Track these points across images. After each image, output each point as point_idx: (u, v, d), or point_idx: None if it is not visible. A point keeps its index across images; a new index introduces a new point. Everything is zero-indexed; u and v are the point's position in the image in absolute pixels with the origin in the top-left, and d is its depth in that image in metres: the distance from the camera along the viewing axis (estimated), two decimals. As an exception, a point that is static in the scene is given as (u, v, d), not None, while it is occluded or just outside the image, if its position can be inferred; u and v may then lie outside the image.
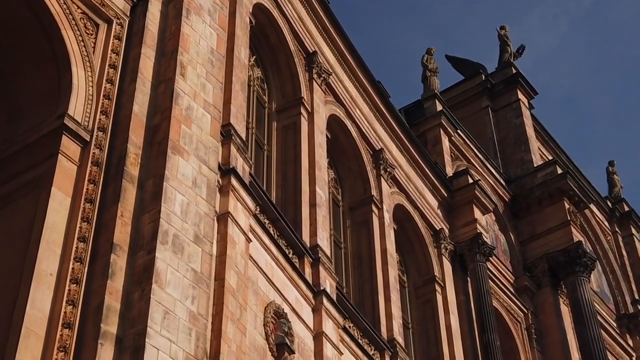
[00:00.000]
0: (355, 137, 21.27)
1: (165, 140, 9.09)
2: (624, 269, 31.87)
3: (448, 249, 23.23)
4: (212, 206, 9.49)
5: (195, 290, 8.77)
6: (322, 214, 17.99)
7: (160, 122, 9.34)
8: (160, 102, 9.43)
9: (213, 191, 9.49)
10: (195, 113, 9.65)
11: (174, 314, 8.37)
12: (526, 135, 29.35)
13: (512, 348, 24.57)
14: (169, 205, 8.82)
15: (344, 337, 17.01)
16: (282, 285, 15.65)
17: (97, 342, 7.85)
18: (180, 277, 8.61)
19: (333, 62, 21.12)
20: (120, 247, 8.52)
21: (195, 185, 9.22)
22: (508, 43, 31.80)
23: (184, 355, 8.26)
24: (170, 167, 9.01)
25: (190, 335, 8.47)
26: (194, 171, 9.27)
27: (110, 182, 8.89)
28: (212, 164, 9.53)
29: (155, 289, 8.24)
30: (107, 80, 9.40)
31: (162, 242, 8.56)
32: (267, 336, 14.57)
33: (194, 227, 9.03)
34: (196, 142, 9.45)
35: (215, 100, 10.00)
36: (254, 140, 18.33)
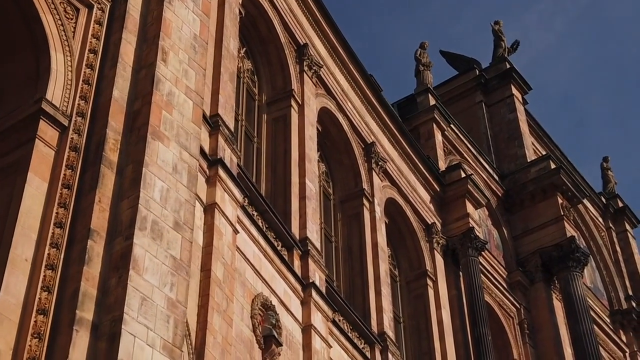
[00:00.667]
0: (346, 130, 21.15)
1: (145, 125, 8.97)
2: (617, 265, 31.80)
3: (440, 243, 23.13)
4: (193, 193, 9.36)
5: (175, 277, 8.64)
6: (312, 206, 17.87)
7: (140, 108, 9.22)
8: (141, 87, 9.31)
9: (194, 178, 9.37)
10: (177, 99, 9.52)
11: (152, 300, 8.25)
12: (520, 131, 29.23)
13: (505, 343, 24.47)
14: (148, 191, 8.70)
15: (333, 331, 16.90)
16: (270, 277, 15.53)
17: (72, 328, 7.73)
18: (158, 263, 8.49)
19: (324, 55, 20.99)
20: (97, 233, 8.39)
21: (176, 171, 9.10)
22: (502, 38, 31.68)
23: (162, 342, 8.13)
24: (150, 153, 8.88)
25: (168, 323, 8.34)
26: (175, 157, 9.15)
27: (88, 168, 8.77)
28: (193, 150, 9.41)
29: (132, 276, 8.12)
30: (87, 65, 9.28)
31: (141, 229, 8.44)
32: (254, 328, 14.47)
33: (173, 213, 8.90)
34: (177, 128, 9.32)
35: (197, 87, 9.88)
36: (244, 132, 18.21)
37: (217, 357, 12.88)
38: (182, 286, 8.64)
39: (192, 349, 12.57)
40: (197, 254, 13.51)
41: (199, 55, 10.22)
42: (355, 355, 17.40)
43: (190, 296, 13.09)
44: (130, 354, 7.77)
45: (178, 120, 9.39)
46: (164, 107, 9.29)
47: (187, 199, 9.12)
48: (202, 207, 14.02)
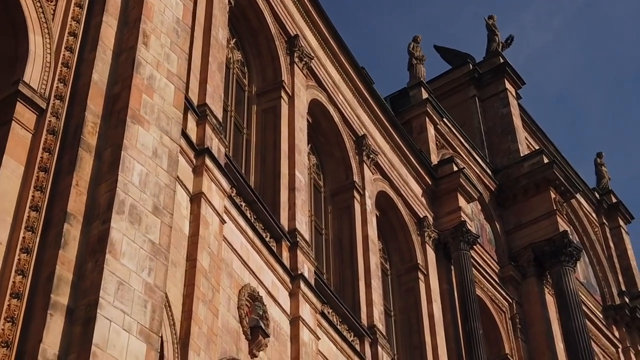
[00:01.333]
0: (337, 122, 21.03)
1: (125, 109, 8.84)
2: (610, 261, 31.75)
3: (432, 237, 23.02)
4: (174, 177, 9.23)
5: (153, 262, 8.51)
6: (302, 198, 17.75)
7: (120, 91, 9.09)
8: (122, 71, 9.19)
9: (175, 162, 9.24)
10: (158, 83, 9.39)
11: (129, 285, 8.12)
12: (513, 125, 29.15)
13: (496, 338, 24.39)
14: (127, 174, 8.57)
15: (322, 322, 16.78)
16: (258, 268, 15.41)
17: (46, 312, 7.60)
18: (136, 248, 8.36)
19: (315, 47, 20.86)
20: (74, 217, 8.26)
21: (156, 155, 8.96)
22: (496, 33, 31.58)
23: (138, 327, 8.01)
24: (129, 137, 8.76)
25: (145, 308, 8.21)
26: (155, 141, 9.02)
27: (66, 151, 8.64)
28: (174, 134, 9.28)
29: (109, 260, 7.99)
30: (66, 48, 9.14)
31: (118, 212, 8.31)
32: (241, 319, 14.35)
33: (153, 198, 8.77)
34: (158, 112, 9.19)
35: (179, 71, 9.75)
36: (233, 123, 18.08)
37: (203, 347, 12.77)
38: (161, 271, 8.52)
39: (177, 338, 12.45)
40: (183, 243, 13.40)
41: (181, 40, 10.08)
42: (344, 348, 17.29)
43: (175, 286, 13.04)
44: (106, 339, 7.64)
45: (159, 104, 9.26)
46: (145, 90, 9.16)
47: (167, 183, 8.98)
48: (188, 197, 13.91)
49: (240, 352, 14.06)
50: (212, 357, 12.93)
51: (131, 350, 7.85)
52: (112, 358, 7.59)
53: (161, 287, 8.51)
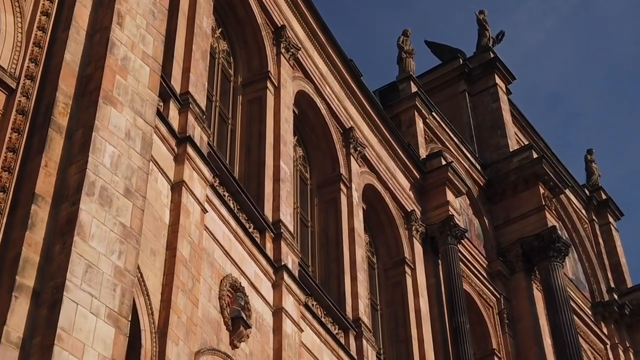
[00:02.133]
0: (324, 114, 20.86)
1: (98, 90, 8.66)
2: (600, 257, 31.68)
3: (419, 231, 22.89)
4: (147, 160, 9.05)
5: (123, 245, 8.33)
6: (286, 189, 17.58)
7: (93, 72, 8.91)
8: (95, 51, 9.01)
9: (148, 145, 9.07)
10: (133, 64, 9.21)
11: (98, 268, 7.95)
12: (503, 120, 29.04)
13: (484, 333, 24.27)
14: (98, 156, 8.39)
15: (306, 315, 16.62)
16: (241, 259, 15.25)
17: (11, 294, 7.42)
18: (106, 230, 8.18)
19: (302, 38, 20.69)
20: (42, 198, 8.08)
21: (129, 137, 8.78)
22: (487, 28, 31.46)
23: (107, 311, 7.84)
24: (101, 118, 8.57)
25: (114, 291, 8.04)
26: (128, 123, 8.84)
27: (36, 132, 8.46)
28: (148, 117, 9.11)
29: (77, 242, 7.81)
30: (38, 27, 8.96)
31: (88, 194, 8.13)
32: (222, 309, 14.18)
33: (125, 180, 8.59)
34: (132, 93, 9.01)
35: (155, 53, 9.57)
36: (218, 113, 17.91)
37: (182, 337, 12.60)
38: (132, 255, 8.34)
39: (155, 328, 12.28)
40: (163, 232, 13.25)
41: (158, 21, 9.90)
42: (328, 341, 17.14)
43: (154, 275, 12.87)
44: (72, 322, 7.47)
45: (133, 85, 9.08)
46: (118, 71, 8.99)
47: (140, 166, 8.81)
48: (169, 185, 13.74)
49: (221, 342, 13.89)
50: (191, 347, 12.76)
51: (99, 334, 7.68)
52: (79, 342, 7.42)
53: (132, 271, 8.34)
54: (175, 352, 12.32)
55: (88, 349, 7.52)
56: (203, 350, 13.29)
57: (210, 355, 13.46)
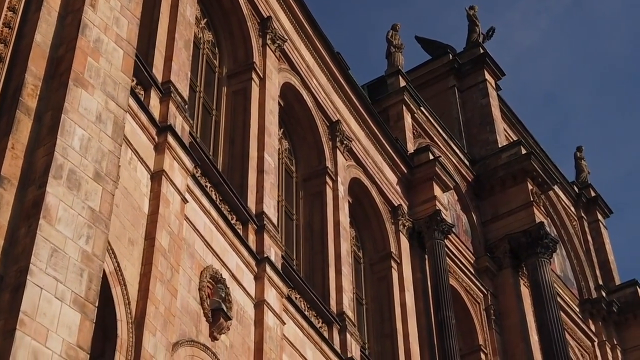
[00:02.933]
0: (311, 107, 20.70)
1: (68, 71, 8.49)
2: (588, 255, 31.63)
3: (406, 225, 22.75)
4: (119, 144, 8.88)
5: (92, 229, 8.15)
6: (270, 181, 17.42)
7: (64, 54, 8.74)
8: (67, 33, 8.83)
9: (120, 128, 8.89)
10: (106, 47, 9.04)
11: (64, 252, 7.77)
12: (492, 116, 28.94)
13: (470, 329, 24.17)
14: (67, 139, 8.21)
15: (288, 307, 16.47)
16: (222, 250, 15.08)
17: (-27, 280, 7.23)
18: (74, 214, 8.01)
19: (289, 29, 20.52)
20: (8, 181, 7.90)
21: (100, 120, 8.61)
22: (477, 23, 31.35)
23: (72, 296, 7.66)
24: (71, 100, 8.39)
25: (81, 276, 7.87)
26: (99, 106, 8.66)
27: (4, 113, 8.27)
28: (121, 100, 8.92)
29: (43, 225, 7.64)
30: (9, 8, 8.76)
31: (56, 177, 7.95)
32: (202, 301, 14.01)
33: (94, 164, 8.41)
34: (104, 76, 8.83)
35: (129, 36, 9.40)
36: (202, 104, 17.72)
37: (159, 327, 12.43)
38: (100, 239, 8.16)
39: (132, 318, 12.11)
40: (142, 221, 13.07)
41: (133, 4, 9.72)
42: (311, 334, 16.99)
43: (132, 265, 12.70)
44: (36, 306, 7.30)
45: (105, 68, 8.91)
46: (90, 54, 8.81)
47: (112, 149, 8.63)
48: (148, 174, 13.57)
49: (200, 334, 13.73)
50: (169, 337, 12.59)
51: (63, 319, 7.51)
52: (42, 327, 7.25)
53: (100, 256, 8.16)
54: (152, 342, 12.15)
55: (52, 334, 7.35)
56: (181, 341, 13.12)
57: (188, 346, 13.30)
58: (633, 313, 30.61)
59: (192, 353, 13.35)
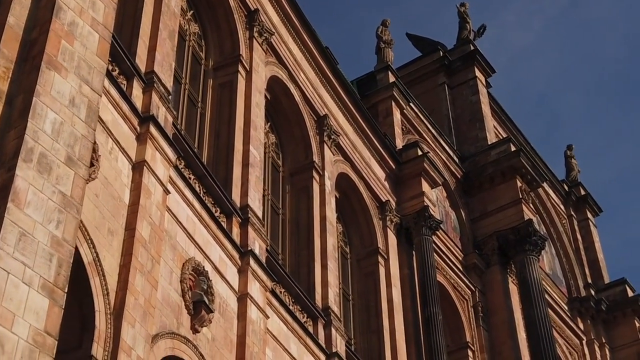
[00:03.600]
0: (298, 101, 20.58)
1: (41, 54, 8.36)
2: (577, 253, 31.59)
3: (394, 221, 22.65)
4: (92, 128, 8.74)
5: (62, 214, 8.01)
6: (255, 174, 17.28)
7: (38, 37, 8.61)
8: (41, 15, 8.69)
9: (94, 113, 8.75)
10: (81, 30, 8.90)
11: (33, 237, 7.64)
12: (482, 113, 28.86)
13: (458, 326, 24.09)
14: (38, 122, 8.08)
15: (272, 301, 16.33)
16: (205, 242, 14.94)
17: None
18: (44, 199, 7.87)
19: (277, 22, 20.38)
20: (-23, 164, 7.76)
21: (73, 104, 8.47)
22: (467, 20, 31.27)
23: (41, 281, 7.53)
24: (43, 83, 8.26)
25: (50, 262, 7.73)
26: (73, 90, 8.52)
27: (-26, 96, 8.12)
28: (96, 84, 8.79)
29: (11, 209, 7.49)
30: (-19, -10, 8.63)
31: (25, 160, 7.82)
32: (184, 293, 13.86)
33: (66, 148, 8.28)
34: (78, 59, 8.70)
35: (106, 20, 9.26)
36: (187, 96, 17.57)
37: (138, 319, 12.29)
38: (71, 224, 8.02)
39: (110, 309, 11.96)
40: (122, 212, 12.93)
41: (110, -12, 9.57)
42: (295, 329, 16.86)
43: (112, 255, 12.55)
44: (2, 291, 7.14)
45: (80, 52, 8.77)
46: (64, 37, 8.67)
47: (85, 134, 8.49)
48: (130, 165, 13.42)
49: (182, 326, 13.58)
50: (148, 329, 12.45)
51: (31, 304, 7.37)
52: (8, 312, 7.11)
53: (70, 242, 8.02)
54: (131, 334, 12.01)
55: (18, 320, 7.21)
56: (162, 333, 12.97)
57: (169, 338, 13.15)
58: (622, 312, 30.59)
59: (172, 345, 13.21)
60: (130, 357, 11.87)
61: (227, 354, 14.52)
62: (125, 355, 11.78)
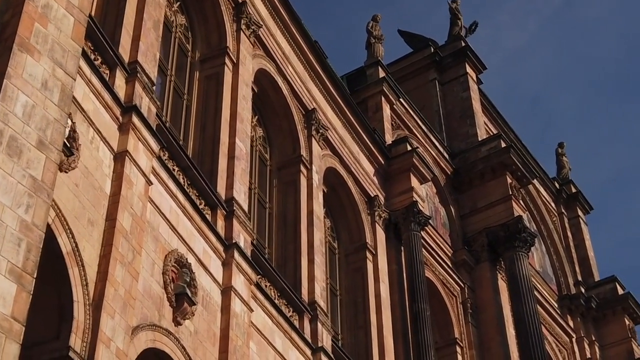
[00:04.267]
0: (286, 94, 20.43)
1: (13, 36, 8.20)
2: (568, 251, 31.53)
3: (382, 216, 22.53)
4: (66, 113, 8.59)
5: (33, 199, 7.86)
6: (242, 167, 17.13)
7: (10, 19, 8.46)
8: (14, -2, 8.53)
9: (68, 97, 8.60)
10: (55, 13, 8.75)
11: (1, 221, 7.48)
12: (472, 110, 28.77)
13: (446, 321, 23.99)
14: (8, 104, 7.92)
15: (257, 295, 16.18)
16: (189, 234, 14.78)
17: None
18: (13, 182, 7.71)
19: (265, 15, 20.24)
20: (-54, 145, 7.60)
21: (46, 88, 8.32)
22: (459, 17, 31.18)
23: (9, 266, 7.37)
24: (14, 65, 8.10)
25: (19, 246, 7.58)
26: (46, 73, 8.38)
27: (-55, 78, 7.95)
28: (70, 68, 8.64)
29: (-22, 192, 7.34)
30: (-47, -29, 8.46)
31: (-5, 143, 7.66)
32: (166, 285, 13.70)
33: (38, 131, 8.13)
34: (52, 42, 8.55)
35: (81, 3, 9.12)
36: (173, 88, 17.41)
37: (118, 310, 12.12)
38: (41, 209, 7.87)
39: (89, 300, 11.79)
40: (103, 202, 12.77)
41: (86, -29, 9.42)
42: (280, 323, 16.70)
43: (92, 246, 12.39)
44: (-32, 276, 7.00)
45: (54, 35, 8.61)
46: (38, 19, 8.52)
47: (58, 118, 8.34)
48: (111, 155, 13.26)
49: (163, 319, 13.42)
50: (128, 321, 12.29)
51: (-3, 289, 7.21)
52: (-26, 299, 6.94)
53: (40, 226, 7.87)
54: (110, 325, 11.85)
55: (-16, 304, 7.06)
56: (142, 325, 12.81)
57: (150, 330, 12.99)
58: (612, 309, 30.56)
59: (153, 337, 13.05)
60: (109, 349, 11.71)
61: (210, 347, 14.36)
62: (104, 347, 11.62)
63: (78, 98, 12.63)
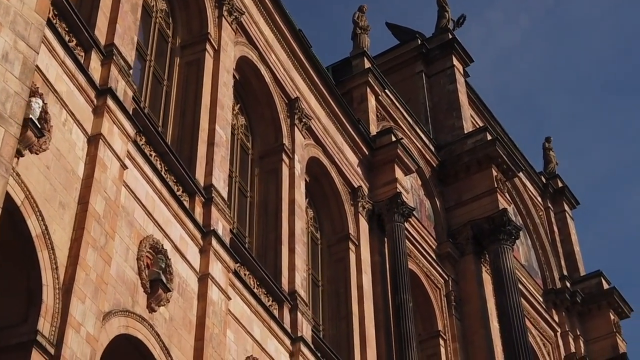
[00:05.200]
0: (268, 82, 20.22)
1: (-27, 7, 7.97)
2: (554, 245, 31.44)
3: (366, 207, 22.36)
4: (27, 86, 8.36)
5: (-9, 172, 7.65)
6: (221, 153, 16.91)
7: (-29, -10, 8.22)
8: (-25, -32, 8.29)
9: (30, 70, 8.37)
10: (18, -15, 8.54)
11: (-44, 194, 7.27)
12: (459, 102, 28.62)
13: (430, 314, 23.85)
14: (-33, 75, 7.70)
15: (235, 283, 15.98)
16: (165, 221, 14.56)
17: None
18: (-29, 155, 7.50)
19: (248, 3, 20.00)
20: None
21: (6, 60, 8.10)
22: (446, 9, 31.01)
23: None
24: (-26, 36, 7.88)
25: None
26: (7, 45, 8.14)
27: None
28: (33, 41, 8.42)
29: None
30: None
31: (-49, 115, 7.43)
32: (140, 271, 13.49)
33: (-2, 104, 7.90)
34: (14, 14, 8.32)
35: (47, -23, 8.87)
36: (152, 73, 17.18)
37: (89, 295, 11.91)
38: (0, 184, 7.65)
39: (59, 284, 11.57)
40: (75, 185, 12.54)
41: (53, -57, 9.17)
42: (259, 312, 16.51)
43: (63, 229, 12.15)
44: None
45: (16, 6, 8.39)
46: (0, -10, 8.29)
47: (18, 91, 8.11)
48: (85, 138, 13.03)
49: (137, 305, 13.21)
50: (100, 306, 12.07)
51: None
52: None
53: (-2, 201, 7.64)
54: (80, 310, 11.64)
55: None
56: (115, 311, 12.60)
57: (123, 316, 12.78)
58: (597, 304, 30.49)
59: (126, 323, 12.83)
60: (79, 333, 11.50)
61: (186, 335, 14.16)
62: (74, 331, 11.41)
63: (51, 79, 12.42)
